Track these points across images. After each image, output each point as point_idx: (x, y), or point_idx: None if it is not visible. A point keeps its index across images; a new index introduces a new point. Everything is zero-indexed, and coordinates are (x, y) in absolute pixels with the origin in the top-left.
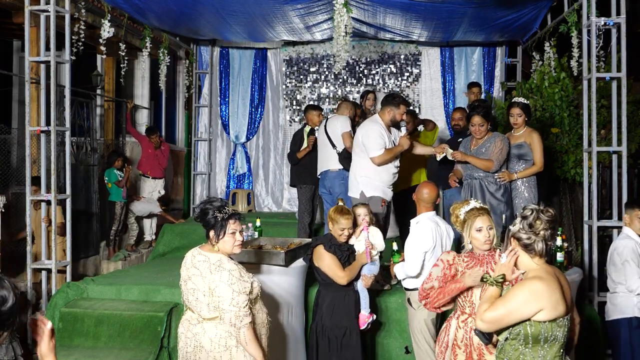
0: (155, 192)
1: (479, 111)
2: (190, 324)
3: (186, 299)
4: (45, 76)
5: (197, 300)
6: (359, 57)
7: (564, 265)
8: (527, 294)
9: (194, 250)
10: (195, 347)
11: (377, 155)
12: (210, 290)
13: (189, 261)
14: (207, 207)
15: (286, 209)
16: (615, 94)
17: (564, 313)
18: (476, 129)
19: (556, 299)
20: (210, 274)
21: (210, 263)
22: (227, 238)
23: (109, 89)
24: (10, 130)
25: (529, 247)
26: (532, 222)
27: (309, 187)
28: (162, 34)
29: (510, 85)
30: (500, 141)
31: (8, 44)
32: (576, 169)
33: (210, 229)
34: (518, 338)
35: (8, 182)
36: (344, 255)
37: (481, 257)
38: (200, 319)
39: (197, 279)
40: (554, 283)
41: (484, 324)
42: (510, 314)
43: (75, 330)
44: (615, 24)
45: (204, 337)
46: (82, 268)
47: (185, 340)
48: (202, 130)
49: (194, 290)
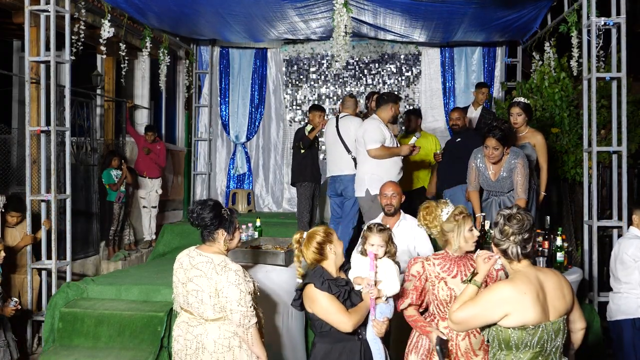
0: (153, 192)
1: (495, 133)
2: (189, 326)
3: (184, 301)
4: (45, 76)
5: (201, 302)
6: (359, 57)
7: (564, 265)
8: (493, 298)
9: (190, 251)
10: (197, 349)
11: (374, 147)
12: (216, 291)
13: (186, 262)
14: (217, 208)
15: (286, 208)
16: (615, 94)
17: (535, 320)
18: (490, 152)
19: (525, 304)
20: (217, 274)
21: (214, 264)
22: (237, 234)
23: (109, 89)
24: (10, 130)
25: (505, 253)
26: (501, 228)
27: (309, 184)
28: (162, 34)
29: (510, 85)
30: (523, 166)
31: (8, 44)
32: (576, 169)
33: (220, 228)
34: (493, 343)
35: (8, 182)
36: (343, 292)
37: (457, 259)
38: (201, 320)
39: (200, 280)
40: (527, 287)
41: (452, 324)
42: (475, 317)
43: (75, 330)
44: (615, 24)
45: (207, 339)
46: (82, 268)
47: (185, 343)
48: (202, 130)
49: (197, 291)
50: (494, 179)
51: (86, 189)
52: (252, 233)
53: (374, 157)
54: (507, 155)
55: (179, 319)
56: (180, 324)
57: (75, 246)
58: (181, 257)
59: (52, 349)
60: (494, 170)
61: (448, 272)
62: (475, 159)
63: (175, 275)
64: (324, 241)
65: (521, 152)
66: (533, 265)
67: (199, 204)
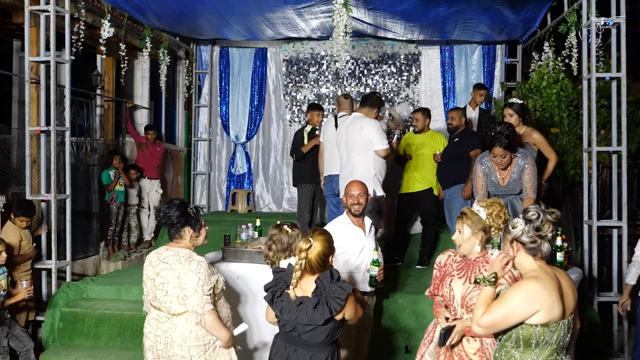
0: (153, 192)
1: (501, 142)
2: (158, 322)
3: (153, 297)
4: (45, 76)
5: (167, 295)
6: (359, 57)
7: (563, 265)
8: (525, 295)
9: (159, 249)
10: (167, 344)
11: (384, 148)
12: (179, 280)
13: (154, 259)
14: (183, 206)
15: (286, 208)
16: (615, 94)
17: (559, 317)
18: (498, 161)
19: (552, 301)
20: (180, 264)
21: (180, 256)
22: (202, 231)
23: (108, 89)
24: (10, 130)
25: (535, 250)
26: (539, 225)
27: (309, 186)
28: (162, 33)
29: (510, 85)
30: (532, 166)
31: (8, 44)
32: (576, 169)
33: (187, 225)
34: (510, 340)
35: (8, 182)
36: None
37: (471, 262)
38: (169, 315)
39: (166, 272)
40: (551, 284)
41: (480, 329)
42: (507, 317)
43: (76, 330)
44: (615, 24)
45: (175, 332)
46: (82, 268)
47: (155, 339)
48: (202, 130)
49: (164, 284)
50: (504, 184)
51: (86, 189)
52: (252, 233)
53: (384, 157)
54: (515, 159)
55: (149, 316)
56: (150, 320)
57: (75, 246)
58: (150, 256)
59: (53, 349)
60: (502, 175)
61: (458, 272)
62: (481, 165)
63: (145, 274)
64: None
65: (528, 153)
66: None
67: (166, 203)
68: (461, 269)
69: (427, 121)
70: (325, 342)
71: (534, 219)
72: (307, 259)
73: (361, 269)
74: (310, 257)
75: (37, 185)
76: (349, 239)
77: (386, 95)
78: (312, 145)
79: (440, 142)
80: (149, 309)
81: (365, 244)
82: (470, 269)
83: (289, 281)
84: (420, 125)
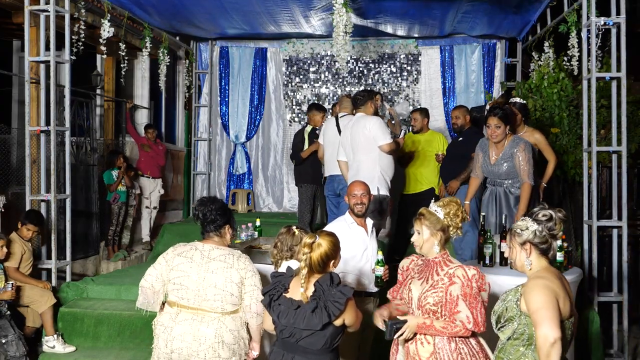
0: (155, 192)
1: (496, 112)
2: (201, 322)
3: (195, 296)
4: (45, 76)
5: (223, 292)
6: (359, 57)
7: (563, 265)
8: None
9: (194, 245)
10: (215, 344)
11: (388, 142)
12: (239, 277)
13: (197, 257)
14: (224, 204)
15: (287, 208)
16: (615, 94)
17: (568, 314)
18: (492, 131)
19: (563, 299)
20: (237, 262)
21: (232, 254)
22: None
23: (108, 89)
24: (10, 130)
25: (547, 250)
26: (552, 225)
27: (310, 186)
28: (162, 33)
29: (509, 85)
30: (523, 150)
31: (8, 44)
32: (576, 169)
33: (227, 223)
34: (521, 338)
35: (8, 182)
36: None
37: (430, 263)
38: (216, 315)
39: (223, 271)
40: (558, 282)
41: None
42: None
43: (75, 330)
44: (615, 23)
45: (226, 332)
46: (82, 268)
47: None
48: (202, 130)
49: (219, 282)
50: (492, 162)
51: (86, 189)
52: (252, 233)
53: (388, 152)
54: (509, 141)
55: (180, 316)
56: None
57: (75, 246)
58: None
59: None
60: (495, 155)
61: (419, 274)
62: (480, 145)
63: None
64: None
65: (523, 140)
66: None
67: (209, 200)
68: (421, 271)
69: (425, 121)
70: (324, 349)
71: (545, 220)
72: (310, 255)
73: (366, 269)
74: (313, 254)
75: (37, 185)
76: (353, 238)
77: (386, 95)
78: (311, 151)
79: (441, 142)
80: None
81: (368, 244)
82: (429, 269)
83: (287, 284)
84: (419, 125)
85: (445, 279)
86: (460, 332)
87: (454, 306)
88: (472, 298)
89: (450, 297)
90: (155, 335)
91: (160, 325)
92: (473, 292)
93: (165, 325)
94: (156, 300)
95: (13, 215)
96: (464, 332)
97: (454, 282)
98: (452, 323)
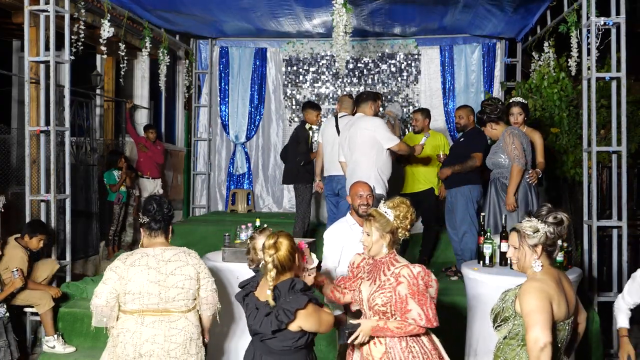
0: (155, 192)
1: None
2: (169, 322)
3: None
4: (44, 76)
5: (184, 291)
6: (359, 57)
7: (563, 265)
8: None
9: (150, 250)
10: (185, 341)
11: (396, 143)
12: (196, 273)
13: (152, 262)
14: (170, 204)
15: (286, 208)
16: (614, 94)
17: (565, 316)
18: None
19: (560, 300)
20: (190, 258)
21: (183, 251)
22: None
23: (108, 89)
24: (10, 130)
25: (554, 250)
26: (562, 229)
27: (309, 185)
28: (161, 33)
29: (509, 85)
30: (510, 134)
31: (7, 44)
32: (576, 169)
33: (169, 224)
34: (517, 338)
35: (8, 182)
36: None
37: (379, 262)
38: (178, 314)
39: (181, 269)
40: (555, 284)
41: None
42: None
43: (75, 330)
44: (615, 23)
45: (192, 327)
46: (82, 268)
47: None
48: (201, 130)
49: (181, 281)
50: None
51: (86, 189)
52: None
53: (399, 151)
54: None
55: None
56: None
57: (75, 246)
58: (140, 260)
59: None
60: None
61: (368, 275)
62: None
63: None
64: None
65: (513, 129)
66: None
67: (154, 199)
68: (370, 271)
69: (426, 121)
70: (288, 351)
71: (555, 222)
72: (276, 255)
73: None
74: (279, 253)
75: (36, 185)
76: (355, 239)
77: (386, 95)
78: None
79: (442, 142)
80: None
81: None
82: (376, 270)
83: (260, 281)
84: (420, 125)
85: (391, 279)
86: (414, 330)
87: (404, 305)
88: (421, 295)
89: (399, 296)
90: (120, 342)
91: (126, 331)
92: (420, 289)
93: (132, 330)
94: (112, 315)
95: (13, 215)
96: (417, 329)
97: (400, 281)
98: (404, 322)
